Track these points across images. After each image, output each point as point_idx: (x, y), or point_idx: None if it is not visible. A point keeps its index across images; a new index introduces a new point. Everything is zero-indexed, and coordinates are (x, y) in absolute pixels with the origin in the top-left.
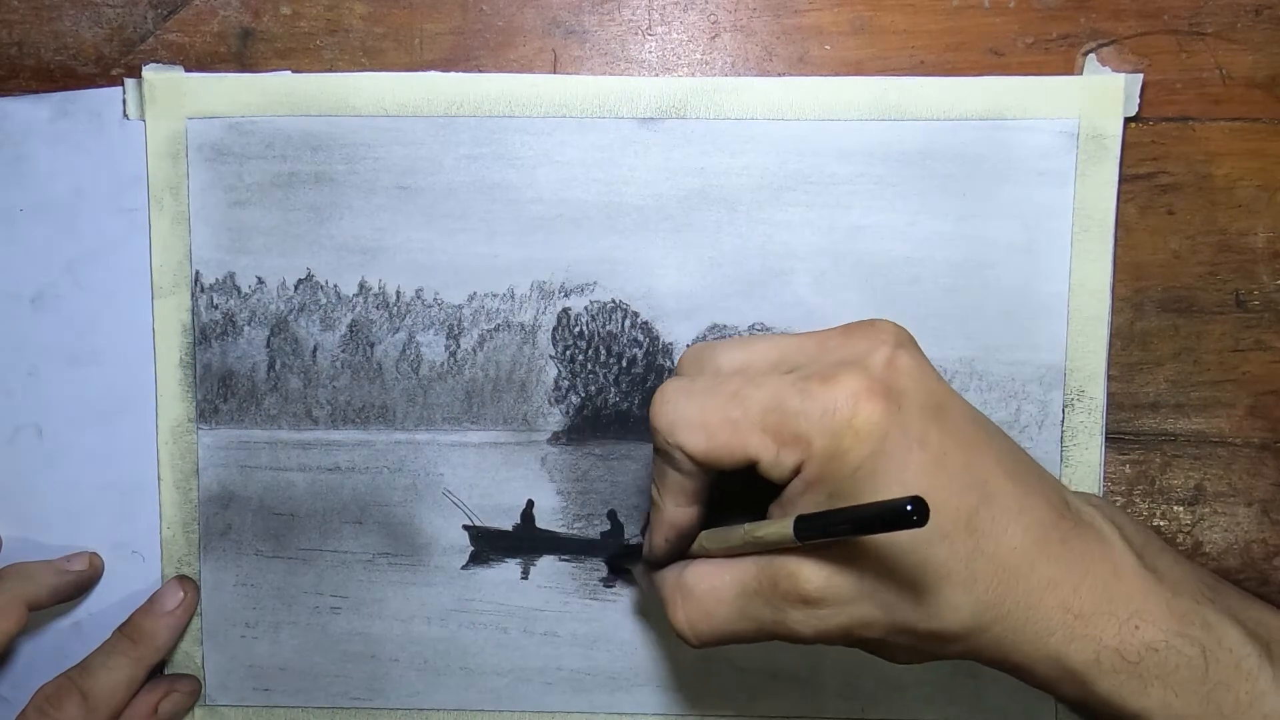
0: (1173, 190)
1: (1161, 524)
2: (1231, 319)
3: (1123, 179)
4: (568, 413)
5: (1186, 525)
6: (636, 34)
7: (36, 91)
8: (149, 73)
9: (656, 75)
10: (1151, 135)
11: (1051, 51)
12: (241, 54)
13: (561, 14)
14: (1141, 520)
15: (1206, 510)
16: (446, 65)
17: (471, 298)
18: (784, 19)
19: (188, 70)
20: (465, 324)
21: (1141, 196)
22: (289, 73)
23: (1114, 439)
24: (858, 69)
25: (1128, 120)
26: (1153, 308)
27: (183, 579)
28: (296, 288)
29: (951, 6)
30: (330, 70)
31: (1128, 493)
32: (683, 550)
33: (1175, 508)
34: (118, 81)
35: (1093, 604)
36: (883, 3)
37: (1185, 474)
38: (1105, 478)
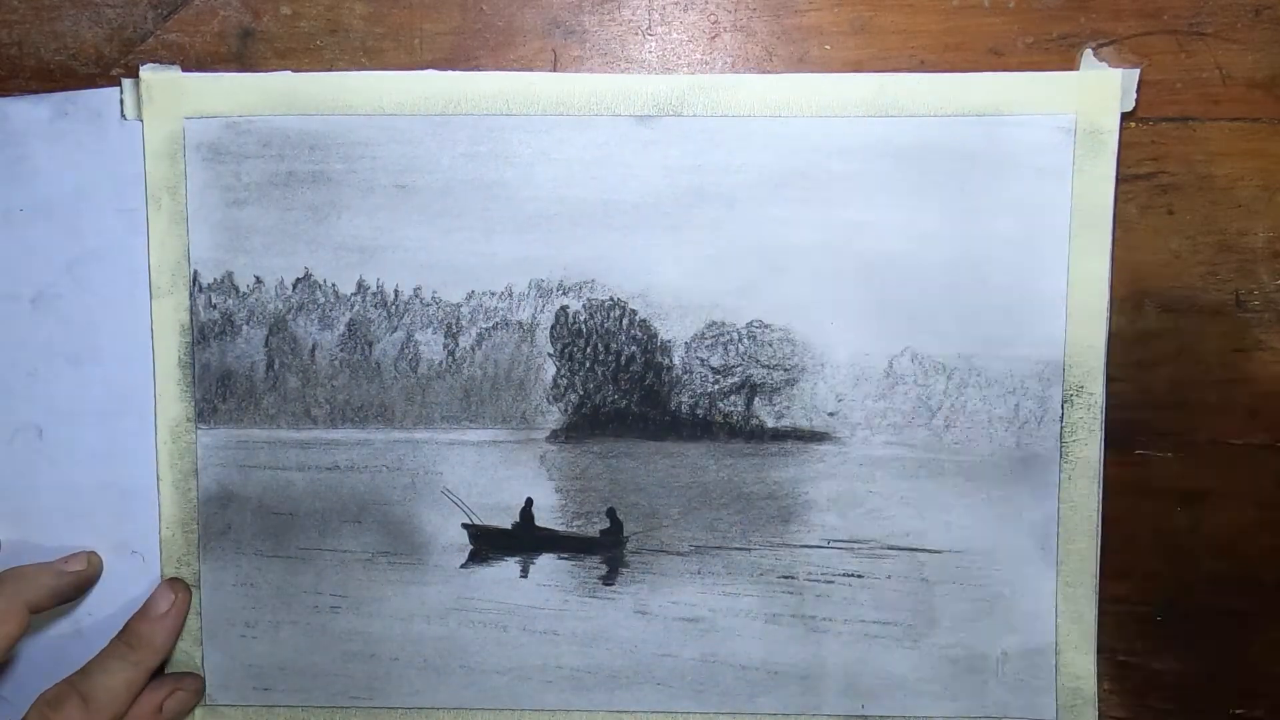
0: (1173, 190)
1: (1162, 524)
2: (1231, 319)
3: (1123, 179)
4: (566, 410)
5: (1186, 525)
6: (636, 34)
7: (36, 91)
8: (146, 73)
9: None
10: (1151, 135)
11: (1052, 51)
12: (241, 54)
13: (561, 14)
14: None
15: (1206, 510)
16: (446, 65)
17: (469, 296)
18: (784, 19)
19: (188, 70)
20: (463, 322)
21: (1141, 196)
22: (289, 72)
23: (1114, 439)
24: (858, 69)
25: (1125, 117)
26: (1153, 308)
27: (174, 581)
28: (295, 287)
29: (951, 6)
30: (330, 70)
31: (1128, 492)
32: None
33: (1175, 508)
34: (118, 81)
35: None
36: (883, 3)
37: (1185, 474)
38: (1105, 478)
